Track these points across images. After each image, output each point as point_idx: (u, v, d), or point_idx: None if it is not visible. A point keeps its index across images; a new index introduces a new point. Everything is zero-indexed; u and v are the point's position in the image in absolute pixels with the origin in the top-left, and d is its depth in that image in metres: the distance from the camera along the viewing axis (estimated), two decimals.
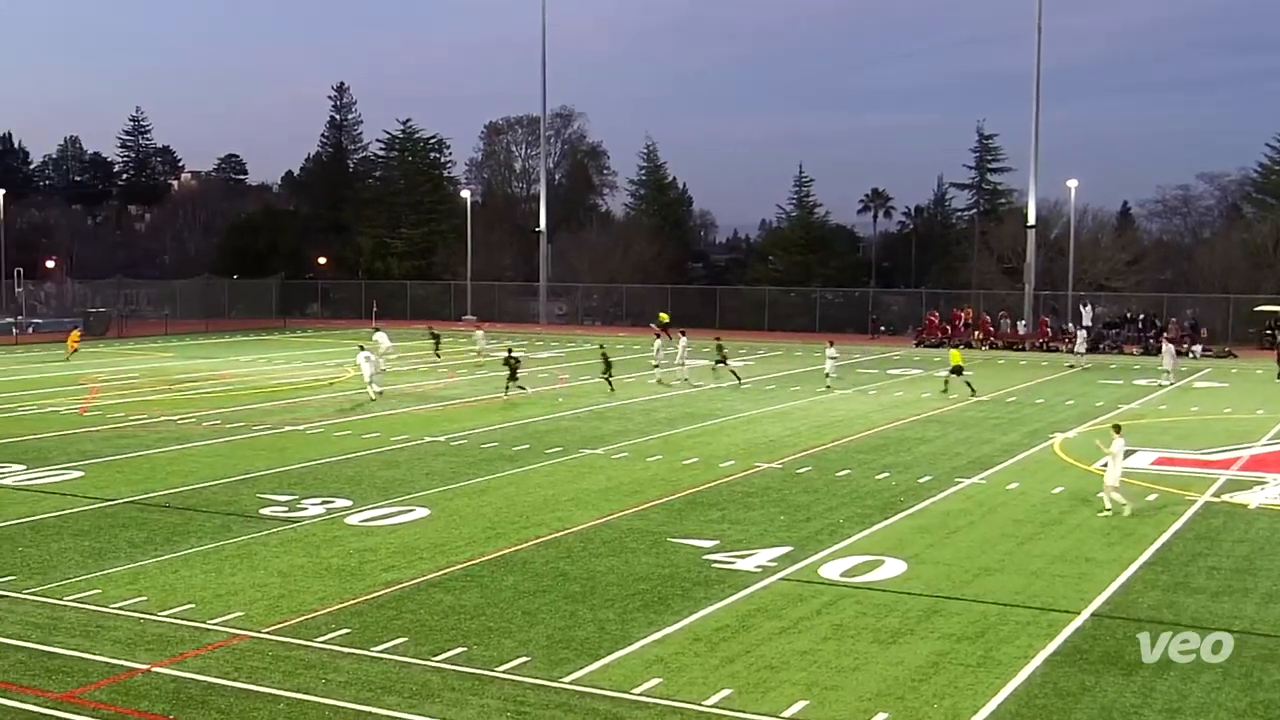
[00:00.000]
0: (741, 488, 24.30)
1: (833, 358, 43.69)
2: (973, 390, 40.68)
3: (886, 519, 21.59)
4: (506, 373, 39.35)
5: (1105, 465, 22.57)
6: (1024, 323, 67.28)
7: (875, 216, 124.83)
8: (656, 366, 45.11)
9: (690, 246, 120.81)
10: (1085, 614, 15.93)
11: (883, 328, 71.95)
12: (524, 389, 39.73)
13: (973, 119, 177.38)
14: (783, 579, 17.54)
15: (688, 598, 16.50)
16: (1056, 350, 60.06)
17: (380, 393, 38.61)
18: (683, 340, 46.28)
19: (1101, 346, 60.51)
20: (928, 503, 23.02)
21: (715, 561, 18.43)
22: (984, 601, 16.45)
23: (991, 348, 61.97)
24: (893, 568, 18.19)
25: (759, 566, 18.13)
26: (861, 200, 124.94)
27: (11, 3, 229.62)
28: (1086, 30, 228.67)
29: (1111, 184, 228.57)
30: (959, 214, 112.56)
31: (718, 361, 44.42)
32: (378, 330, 53.41)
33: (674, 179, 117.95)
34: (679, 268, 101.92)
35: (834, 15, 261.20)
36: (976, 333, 63.84)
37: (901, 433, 32.02)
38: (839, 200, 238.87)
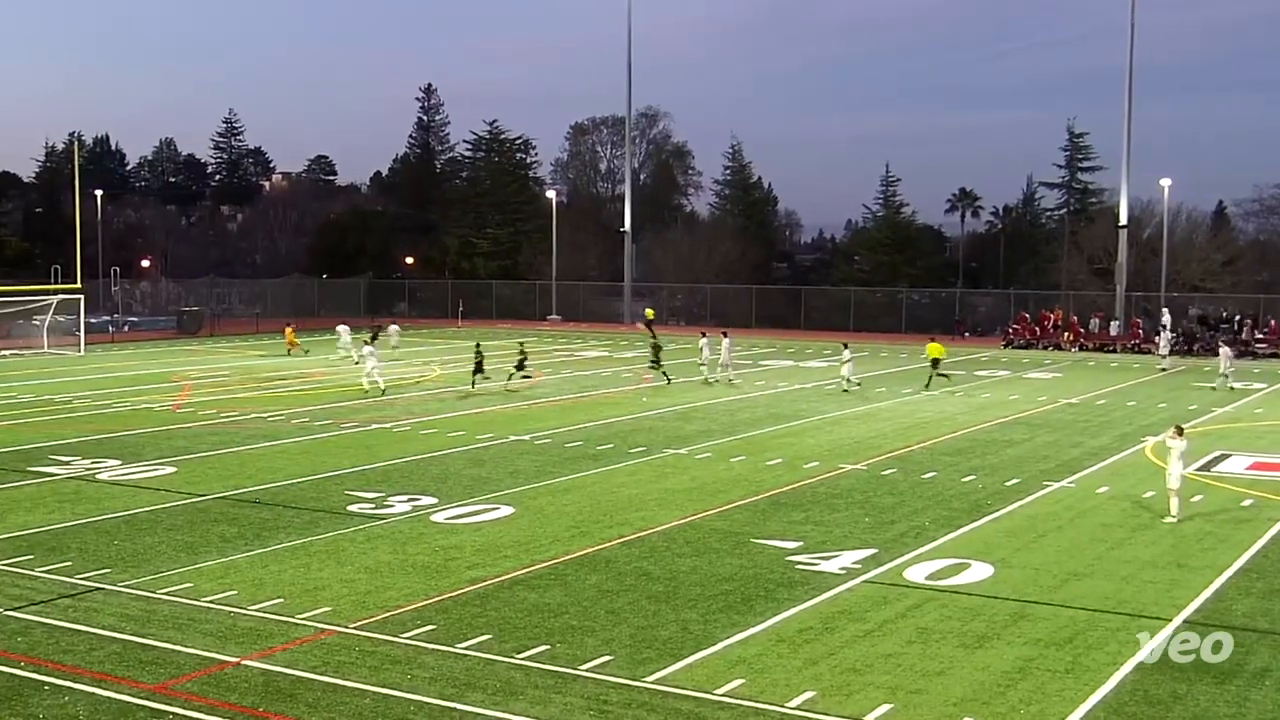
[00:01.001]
0: (826, 489, 24.17)
1: (849, 360, 42.09)
2: (947, 377, 42.87)
3: (973, 522, 21.36)
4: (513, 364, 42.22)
5: (1178, 469, 21.77)
6: (1116, 324, 66.19)
7: (963, 216, 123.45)
8: (703, 366, 44.92)
9: (775, 246, 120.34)
10: (1177, 620, 15.64)
11: (967, 333, 70.68)
12: (528, 377, 42.32)
13: (1063, 117, 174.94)
14: (867, 581, 17.42)
15: (771, 599, 16.45)
16: (1148, 352, 58.97)
17: (375, 384, 39.97)
18: (726, 341, 45.87)
19: (1195, 349, 59.33)
20: (1015, 506, 22.74)
21: (799, 563, 18.35)
22: (1072, 607, 16.21)
23: (1081, 349, 61.01)
24: (979, 571, 17.99)
25: (843, 568, 18.03)
26: (949, 200, 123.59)
27: (109, 9, 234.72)
28: (1181, 26, 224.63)
29: (1206, 183, 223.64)
30: (1048, 213, 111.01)
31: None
32: (341, 324, 55.12)
33: (759, 178, 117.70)
34: (764, 268, 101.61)
35: (923, 13, 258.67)
36: (1066, 334, 62.90)
37: (988, 435, 31.66)
38: (926, 200, 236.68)
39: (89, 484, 24.49)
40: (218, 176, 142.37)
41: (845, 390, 40.98)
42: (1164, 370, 50.54)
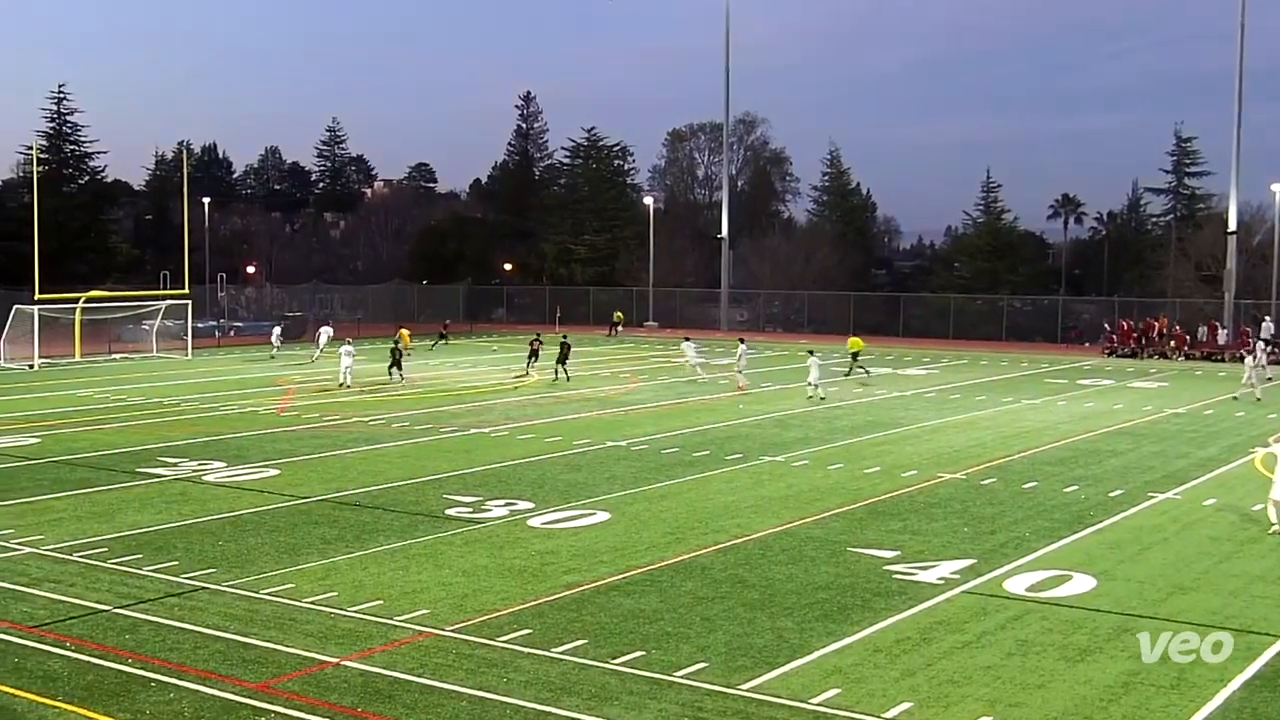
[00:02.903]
0: (924, 498, 23.92)
1: (819, 365, 41.15)
2: (866, 371, 46.67)
3: (1075, 533, 20.99)
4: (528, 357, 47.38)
5: None
6: (1224, 332, 64.67)
7: (1065, 222, 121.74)
8: (740, 373, 44.68)
9: (874, 253, 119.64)
10: None
11: (1086, 341, 68.46)
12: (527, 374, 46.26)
13: (1170, 121, 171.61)
14: (966, 592, 17.21)
15: (867, 608, 16.32)
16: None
17: (344, 383, 43.49)
18: (742, 347, 45.90)
19: None
20: (1119, 517, 22.32)
21: (896, 572, 18.18)
22: (1177, 621, 15.85)
23: (1187, 358, 59.70)
24: (1081, 583, 17.68)
25: (941, 578, 17.82)
26: (1051, 206, 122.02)
27: (216, 22, 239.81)
28: None
29: None
30: (1154, 219, 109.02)
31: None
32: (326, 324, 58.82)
33: (857, 184, 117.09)
34: (862, 275, 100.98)
35: (1023, 16, 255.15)
36: (1172, 342, 61.60)
37: (1091, 445, 31.11)
38: (1027, 206, 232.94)
39: (195, 485, 25.01)
40: (321, 184, 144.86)
41: (811, 397, 40.11)
42: (1271, 381, 47.26)
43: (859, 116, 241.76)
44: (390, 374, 44.97)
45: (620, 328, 73.90)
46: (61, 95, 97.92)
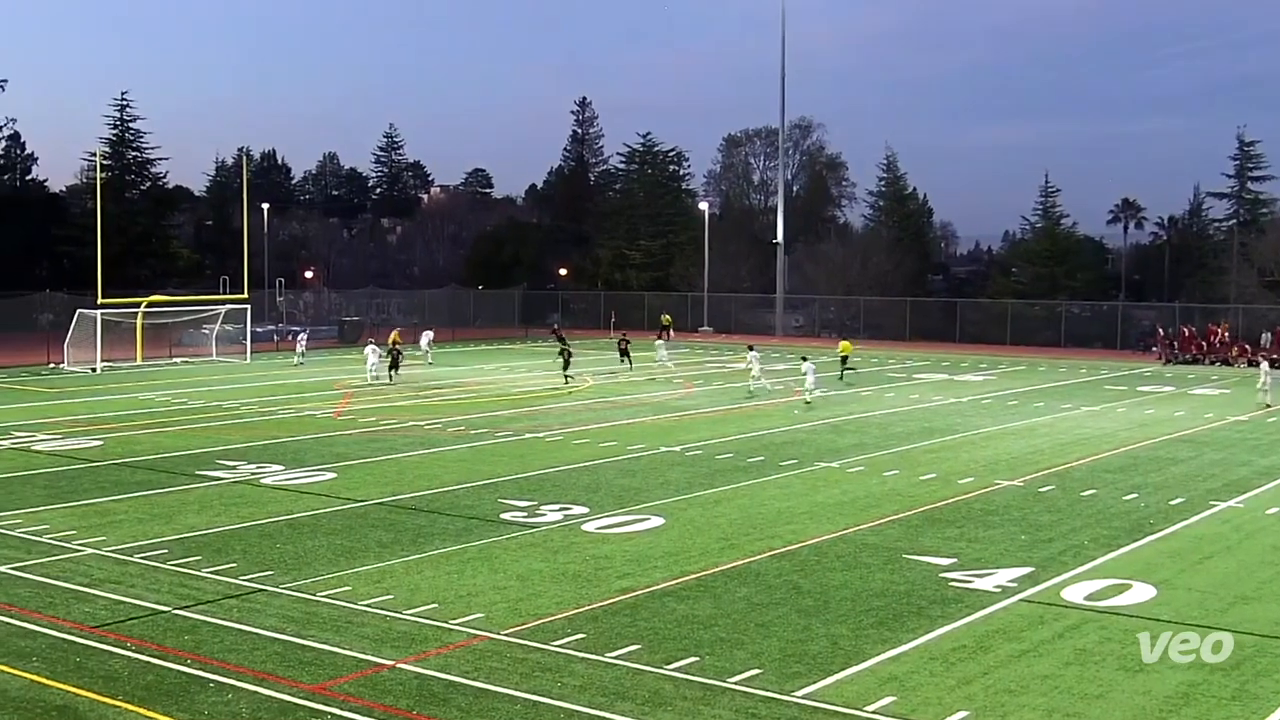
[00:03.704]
0: (981, 505, 23.73)
1: (814, 371, 41.04)
2: (854, 370, 48.16)
3: (1134, 542, 20.75)
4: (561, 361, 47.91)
5: None
6: None
7: (1125, 227, 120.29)
8: (757, 379, 44.43)
9: (930, 258, 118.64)
10: None
11: (1154, 348, 66.69)
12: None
13: (1232, 125, 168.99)
14: (1023, 600, 17.05)
15: (923, 616, 16.21)
16: None
17: (376, 378, 46.23)
18: (751, 354, 45.54)
19: None
20: (1179, 526, 22.04)
21: (952, 580, 18.05)
22: (1239, 631, 15.63)
23: (1249, 364, 58.80)
24: (1141, 592, 17.47)
25: (998, 586, 17.67)
26: (1111, 210, 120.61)
27: (275, 31, 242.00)
28: None
29: None
30: (1216, 224, 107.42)
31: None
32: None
33: (914, 189, 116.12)
34: (918, 280, 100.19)
35: (1083, 19, 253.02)
36: (1234, 349, 60.74)
37: (1152, 452, 30.75)
38: (1086, 210, 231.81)
39: (253, 488, 25.25)
40: (378, 190, 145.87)
41: (808, 402, 39.96)
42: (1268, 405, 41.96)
43: (916, 121, 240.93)
44: (389, 375, 47.67)
45: (670, 332, 73.71)
46: (125, 102, 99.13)
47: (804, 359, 42.58)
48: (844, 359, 49.86)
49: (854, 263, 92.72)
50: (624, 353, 53.89)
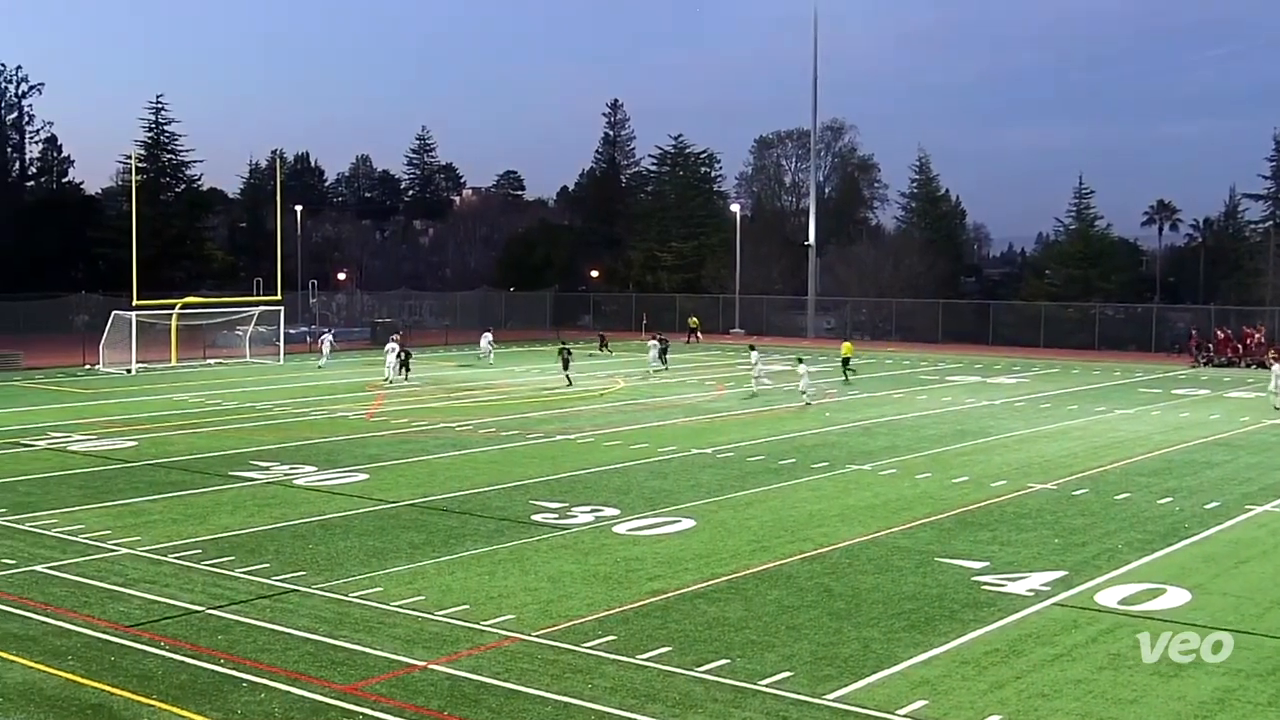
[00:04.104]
0: (1013, 508, 23.60)
1: (809, 373, 41.92)
2: (846, 379, 48.34)
3: (1169, 546, 20.60)
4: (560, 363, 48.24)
5: None
6: None
7: (1160, 229, 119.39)
8: (758, 378, 44.93)
9: (963, 260, 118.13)
10: None
11: (1187, 350, 66.02)
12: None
13: (1269, 126, 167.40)
14: (1056, 604, 16.95)
15: (955, 619, 16.14)
16: None
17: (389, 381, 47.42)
18: (755, 354, 46.62)
19: None
20: (1215, 530, 21.86)
21: (985, 583, 17.97)
22: (1276, 637, 15.50)
23: (1259, 366, 58.19)
24: (1175, 597, 17.34)
25: (1031, 590, 17.58)
26: (1145, 212, 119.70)
27: (307, 34, 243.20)
28: None
29: None
30: (1253, 226, 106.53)
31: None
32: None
33: (946, 191, 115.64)
34: (951, 282, 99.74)
35: (1115, 21, 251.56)
36: (1270, 351, 60.12)
37: (1187, 456, 30.52)
38: (1121, 212, 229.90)
39: (286, 489, 25.38)
40: (410, 192, 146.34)
41: (807, 405, 40.33)
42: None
43: (949, 122, 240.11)
44: (403, 375, 49.17)
45: (699, 334, 73.59)
46: (159, 105, 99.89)
47: (799, 360, 43.18)
48: (845, 360, 50.84)
49: (886, 265, 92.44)
50: (662, 354, 54.76)
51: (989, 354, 66.27)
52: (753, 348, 49.68)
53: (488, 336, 62.30)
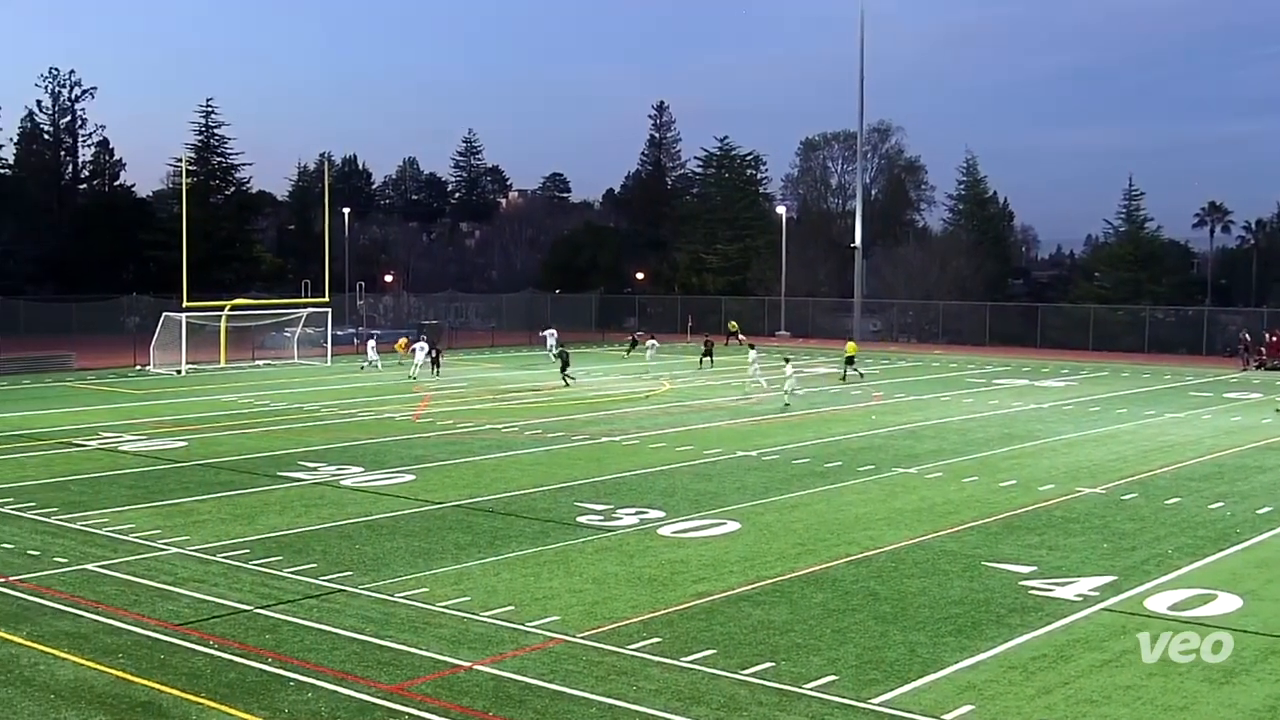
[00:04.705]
0: (1061, 513, 23.41)
1: (795, 374, 42.41)
2: (843, 378, 49.04)
3: (1220, 551, 20.36)
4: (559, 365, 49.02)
5: None
6: None
7: (1212, 231, 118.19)
8: (753, 380, 45.08)
9: (1011, 263, 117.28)
10: None
11: (1238, 353, 65.10)
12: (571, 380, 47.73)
13: None
14: (1105, 609, 16.80)
15: (1002, 624, 16.02)
16: None
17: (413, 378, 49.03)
18: (753, 353, 47.10)
19: None
20: (1267, 535, 21.59)
21: (1033, 588, 17.83)
22: None
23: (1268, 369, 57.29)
24: (1226, 603, 17.14)
25: (1079, 595, 17.43)
26: (1197, 214, 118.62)
27: (355, 38, 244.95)
28: None
29: None
30: None
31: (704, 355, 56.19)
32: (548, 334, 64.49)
33: (994, 193, 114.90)
34: (998, 285, 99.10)
35: (1164, 20, 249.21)
36: None
37: (1238, 460, 30.16)
38: (1171, 214, 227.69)
39: (333, 489, 25.54)
40: (457, 194, 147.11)
41: (786, 405, 40.58)
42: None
43: (997, 123, 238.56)
44: (434, 371, 51.96)
45: (739, 336, 73.28)
46: (209, 109, 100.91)
47: (786, 360, 43.78)
48: (850, 359, 51.10)
49: (933, 267, 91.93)
50: (708, 353, 56.09)
51: (1037, 357, 65.80)
52: (752, 346, 50.46)
53: (554, 334, 64.09)
